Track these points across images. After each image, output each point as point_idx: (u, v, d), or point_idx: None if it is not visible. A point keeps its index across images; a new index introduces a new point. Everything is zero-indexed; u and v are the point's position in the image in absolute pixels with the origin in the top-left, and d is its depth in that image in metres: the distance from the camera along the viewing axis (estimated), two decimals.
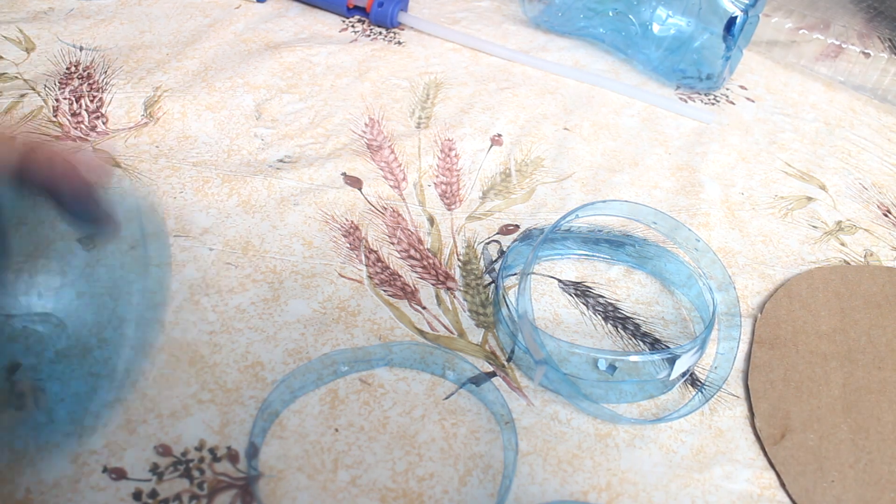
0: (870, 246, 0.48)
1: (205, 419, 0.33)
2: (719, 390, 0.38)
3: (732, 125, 0.57)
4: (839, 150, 0.56)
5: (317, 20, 0.62)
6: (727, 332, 0.40)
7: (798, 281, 0.44)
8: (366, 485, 0.32)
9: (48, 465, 0.31)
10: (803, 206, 0.50)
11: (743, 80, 0.62)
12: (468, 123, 0.52)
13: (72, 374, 0.32)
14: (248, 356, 0.36)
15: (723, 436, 0.36)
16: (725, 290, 0.41)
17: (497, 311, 0.40)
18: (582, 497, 0.33)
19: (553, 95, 0.57)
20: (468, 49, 0.61)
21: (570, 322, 0.40)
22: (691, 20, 0.57)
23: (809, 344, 0.40)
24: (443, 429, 0.34)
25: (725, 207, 0.49)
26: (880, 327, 0.42)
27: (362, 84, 0.55)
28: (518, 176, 0.49)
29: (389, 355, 0.36)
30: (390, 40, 0.60)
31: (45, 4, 0.58)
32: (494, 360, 0.38)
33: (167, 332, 0.36)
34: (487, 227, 0.45)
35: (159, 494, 0.31)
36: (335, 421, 0.34)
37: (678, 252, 0.43)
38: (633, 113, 0.57)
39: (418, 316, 0.39)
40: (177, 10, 0.60)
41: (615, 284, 0.43)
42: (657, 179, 0.50)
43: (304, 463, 0.32)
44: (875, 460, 0.35)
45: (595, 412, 0.36)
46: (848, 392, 0.38)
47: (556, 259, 0.44)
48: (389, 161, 0.48)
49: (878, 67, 0.61)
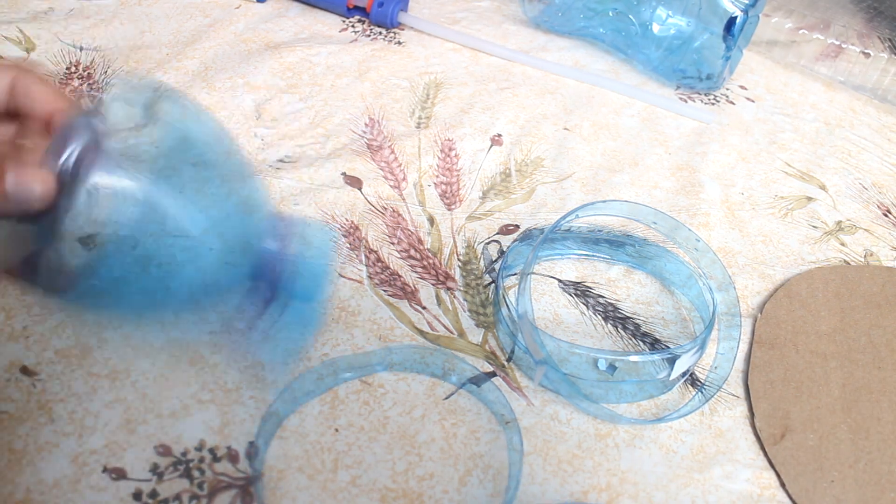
0: (870, 246, 0.48)
1: (205, 419, 0.33)
2: (719, 390, 0.38)
3: (732, 125, 0.57)
4: (839, 150, 0.56)
5: (317, 20, 0.62)
6: (727, 332, 0.40)
7: (798, 281, 0.44)
8: (366, 485, 0.32)
9: (48, 465, 0.31)
10: (803, 206, 0.50)
11: (743, 80, 0.62)
12: (468, 123, 0.52)
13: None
14: (248, 356, 0.36)
15: (723, 436, 0.36)
16: (725, 290, 0.41)
17: (497, 311, 0.40)
18: (582, 497, 0.33)
19: (553, 95, 0.57)
20: (468, 49, 0.61)
21: (570, 322, 0.40)
22: (691, 20, 0.57)
23: (809, 344, 0.40)
24: (443, 429, 0.34)
25: (725, 207, 0.49)
26: (880, 327, 0.42)
27: (362, 84, 0.55)
28: (518, 176, 0.49)
29: (389, 356, 0.36)
30: (390, 40, 0.60)
31: (45, 4, 0.58)
32: (494, 360, 0.38)
33: (167, 332, 0.36)
34: (487, 227, 0.45)
35: (159, 494, 0.31)
36: (335, 421, 0.34)
37: (678, 252, 0.43)
38: (633, 113, 0.57)
39: (418, 316, 0.39)
40: (177, 10, 0.60)
41: (615, 284, 0.43)
42: (657, 179, 0.50)
43: (305, 463, 0.32)
44: (875, 460, 0.35)
45: (595, 412, 0.36)
46: (848, 392, 0.38)
47: (556, 259, 0.44)
48: (389, 161, 0.48)
49: (878, 67, 0.61)
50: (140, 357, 0.35)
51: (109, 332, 0.36)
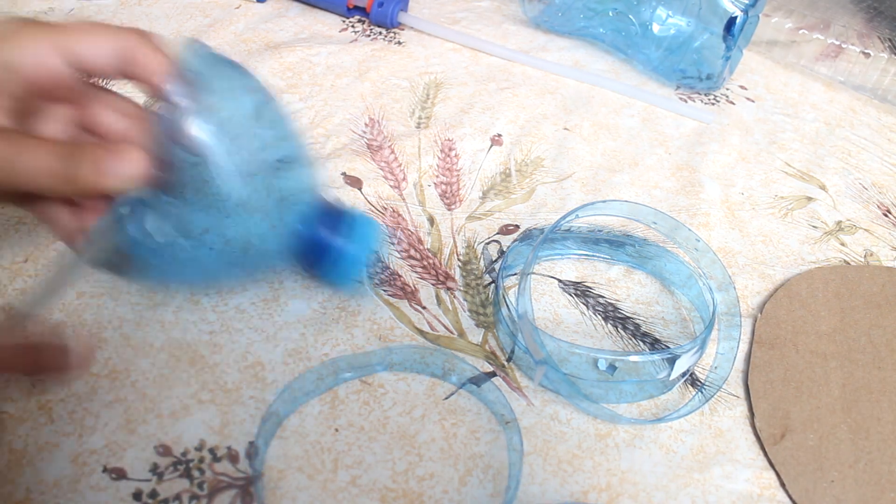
0: (870, 246, 0.48)
1: (205, 419, 0.33)
2: (719, 390, 0.38)
3: (732, 125, 0.57)
4: (839, 150, 0.56)
5: (317, 20, 0.62)
6: (727, 332, 0.40)
7: (798, 281, 0.44)
8: (366, 485, 0.32)
9: (48, 465, 0.31)
10: (803, 206, 0.50)
11: (743, 80, 0.62)
12: (468, 123, 0.52)
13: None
14: (248, 356, 0.36)
15: (723, 436, 0.36)
16: (725, 290, 0.41)
17: (497, 311, 0.40)
18: (582, 497, 0.33)
19: (553, 95, 0.57)
20: (468, 49, 0.61)
21: (570, 322, 0.40)
22: (691, 20, 0.57)
23: (809, 344, 0.40)
24: (443, 429, 0.34)
25: (725, 207, 0.49)
26: (880, 327, 0.42)
27: (362, 84, 0.55)
28: (518, 176, 0.49)
29: (389, 356, 0.36)
30: (390, 40, 0.60)
31: (45, 4, 0.58)
32: (494, 360, 0.38)
33: (167, 332, 0.36)
34: (487, 227, 0.45)
35: (159, 494, 0.31)
36: (335, 421, 0.34)
37: (678, 252, 0.43)
38: (633, 113, 0.57)
39: (418, 316, 0.39)
40: (177, 10, 0.60)
41: (615, 284, 0.43)
42: (657, 179, 0.50)
43: (305, 463, 0.32)
44: (875, 460, 0.35)
45: (595, 412, 0.36)
46: (848, 392, 0.38)
47: (556, 259, 0.44)
48: (389, 161, 0.48)
49: (878, 67, 0.61)
50: (140, 357, 0.35)
51: (109, 332, 0.36)
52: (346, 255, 0.33)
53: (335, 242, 0.33)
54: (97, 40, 0.28)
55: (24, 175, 0.26)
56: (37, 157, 0.26)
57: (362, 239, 0.33)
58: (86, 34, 0.28)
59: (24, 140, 0.26)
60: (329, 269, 0.34)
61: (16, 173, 0.26)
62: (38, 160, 0.26)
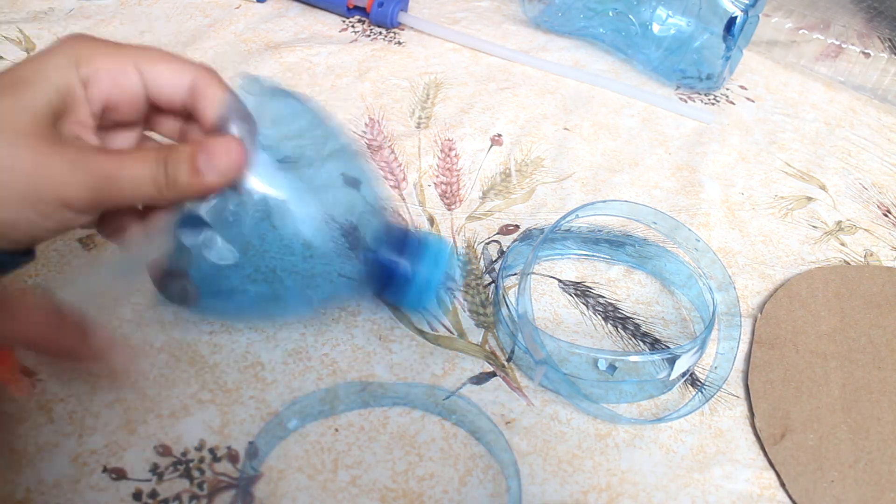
0: (870, 246, 0.48)
1: (205, 419, 0.33)
2: (719, 390, 0.38)
3: (732, 125, 0.57)
4: (839, 150, 0.56)
5: (317, 20, 0.62)
6: (727, 332, 0.40)
7: (798, 281, 0.44)
8: (366, 485, 0.32)
9: (48, 465, 0.31)
10: (803, 206, 0.50)
11: (743, 80, 0.62)
12: (468, 123, 0.52)
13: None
14: (248, 356, 0.36)
15: (723, 436, 0.36)
16: (725, 290, 0.41)
17: (497, 311, 0.40)
18: (582, 497, 0.33)
19: (553, 95, 0.57)
20: (468, 49, 0.61)
21: (570, 322, 0.40)
22: (691, 20, 0.57)
23: (809, 344, 0.40)
24: (443, 429, 0.34)
25: (725, 207, 0.49)
26: (880, 327, 0.42)
27: (362, 84, 0.55)
28: (518, 176, 0.49)
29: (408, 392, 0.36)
30: (390, 40, 0.60)
31: (45, 4, 0.58)
32: (494, 360, 0.38)
33: (167, 332, 0.36)
34: (487, 227, 0.45)
35: (159, 494, 0.31)
36: (335, 421, 0.34)
37: (678, 252, 0.43)
38: (633, 113, 0.57)
39: (418, 316, 0.39)
40: (177, 10, 0.60)
41: (615, 284, 0.43)
42: (657, 179, 0.50)
43: (304, 463, 0.32)
44: (875, 460, 0.35)
45: (595, 412, 0.36)
46: (848, 392, 0.38)
47: (556, 259, 0.44)
48: (389, 161, 0.48)
49: (878, 67, 0.61)
50: (140, 357, 0.35)
51: (109, 332, 0.36)
52: (418, 280, 0.32)
53: (407, 267, 0.32)
54: (175, 68, 0.28)
55: (128, 188, 0.25)
56: (136, 168, 0.25)
57: (434, 261, 0.32)
58: (164, 61, 0.28)
59: (121, 154, 0.26)
60: (402, 295, 0.33)
61: (119, 188, 0.25)
62: (139, 171, 0.25)
